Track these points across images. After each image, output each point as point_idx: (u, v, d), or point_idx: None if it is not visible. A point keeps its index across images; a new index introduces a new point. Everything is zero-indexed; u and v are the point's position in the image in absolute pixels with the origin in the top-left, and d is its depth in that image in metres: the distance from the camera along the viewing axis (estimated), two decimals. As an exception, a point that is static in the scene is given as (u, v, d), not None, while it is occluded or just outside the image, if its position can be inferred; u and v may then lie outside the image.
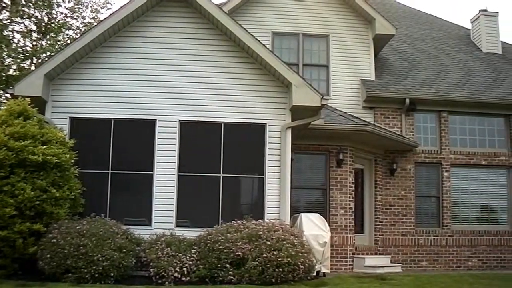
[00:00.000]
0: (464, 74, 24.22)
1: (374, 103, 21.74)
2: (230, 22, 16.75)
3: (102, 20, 17.49)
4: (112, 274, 13.76)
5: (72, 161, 14.99)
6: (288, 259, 13.90)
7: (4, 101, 29.89)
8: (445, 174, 22.11)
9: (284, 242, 14.22)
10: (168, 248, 14.44)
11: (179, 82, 16.73)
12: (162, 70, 16.77)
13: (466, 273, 19.22)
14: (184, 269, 14.06)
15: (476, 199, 22.69)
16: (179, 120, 16.57)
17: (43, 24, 35.24)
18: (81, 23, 37.33)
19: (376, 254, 20.49)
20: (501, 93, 23.09)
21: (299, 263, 14.09)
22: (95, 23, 31.73)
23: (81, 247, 13.69)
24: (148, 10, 17.09)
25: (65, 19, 36.64)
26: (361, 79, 21.87)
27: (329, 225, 17.45)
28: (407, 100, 21.56)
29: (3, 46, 30.98)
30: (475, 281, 16.03)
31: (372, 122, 21.09)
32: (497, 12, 27.44)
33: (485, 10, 27.45)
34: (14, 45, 33.17)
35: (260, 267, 13.86)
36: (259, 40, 16.88)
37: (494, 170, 22.89)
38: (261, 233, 14.40)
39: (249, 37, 16.68)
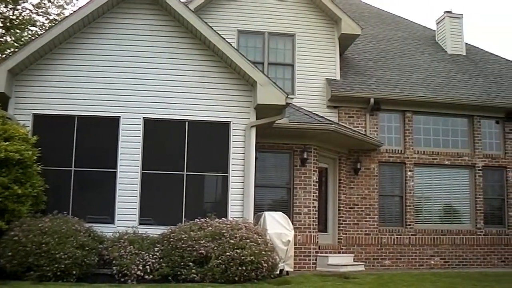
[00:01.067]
0: (429, 75, 24.40)
1: (339, 102, 21.82)
2: (196, 20, 16.70)
3: (67, 16, 17.45)
4: (74, 272, 13.69)
5: (35, 158, 14.83)
6: (252, 257, 13.91)
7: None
8: (409, 173, 22.27)
9: (248, 241, 14.24)
10: (131, 246, 14.41)
11: (144, 79, 16.65)
12: (127, 67, 16.66)
13: (428, 271, 19.39)
14: (147, 267, 14.04)
15: (439, 199, 22.91)
16: (143, 118, 16.49)
17: (8, 19, 34.96)
18: (46, 19, 37.10)
19: (339, 252, 20.59)
20: (464, 94, 23.30)
21: (263, 262, 14.10)
22: (60, 19, 31.49)
23: (43, 245, 13.59)
24: (113, 7, 16.98)
25: (30, 15, 36.40)
26: (326, 78, 21.93)
27: (292, 224, 17.48)
28: (372, 100, 21.69)
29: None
30: (437, 279, 16.18)
31: (337, 121, 21.15)
32: (462, 14, 27.72)
33: (450, 12, 27.69)
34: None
35: (223, 266, 13.86)
36: (224, 38, 16.84)
37: (457, 170, 23.12)
38: (224, 231, 14.40)
39: (214, 35, 16.64)
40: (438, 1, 59.30)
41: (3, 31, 34.92)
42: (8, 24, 34.76)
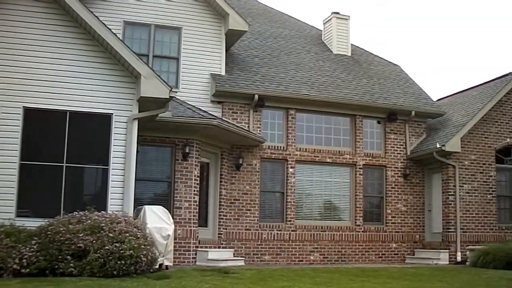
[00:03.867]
0: (314, 74, 24.74)
1: (223, 97, 21.89)
2: (81, 9, 16.36)
3: None
4: None
5: None
6: (131, 251, 13.81)
7: None
8: (290, 170, 22.56)
9: (127, 235, 14.15)
10: (8, 239, 14.01)
11: (24, 67, 16.18)
12: (7, 55, 16.16)
13: (308, 267, 19.71)
14: (24, 260, 13.68)
15: (320, 195, 23.34)
16: (24, 107, 16.06)
17: None
18: None
19: (219, 247, 20.69)
20: (348, 94, 23.77)
21: (142, 256, 14.04)
22: None
23: None
24: (-7, -9, 16.52)
25: None
26: (211, 73, 21.95)
27: (173, 218, 17.44)
28: (256, 96, 21.86)
29: None
30: (316, 274, 16.41)
31: (220, 117, 21.26)
32: (349, 16, 28.29)
33: (338, 13, 28.19)
34: None
35: (102, 259, 13.69)
36: (109, 29, 16.61)
37: (338, 167, 23.61)
38: (103, 224, 14.26)
39: (99, 25, 16.37)
40: (326, 1, 60.08)
41: None
42: None
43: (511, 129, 24.78)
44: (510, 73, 25.85)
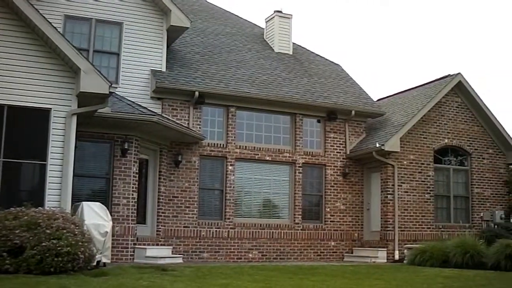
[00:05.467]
0: (255, 71, 24.81)
1: (163, 94, 21.82)
2: (21, 1, 16.11)
3: None
4: None
5: None
6: (68, 248, 13.64)
7: None
8: (230, 167, 22.58)
9: (64, 231, 13.96)
10: None
11: (-42, 60, 15.92)
12: None
13: (246, 265, 19.71)
14: (-43, 257, 13.47)
15: (259, 193, 23.43)
16: (-41, 101, 15.79)
17: None
18: None
19: (158, 245, 20.63)
20: (289, 92, 23.86)
21: (79, 253, 13.87)
22: None
23: None
24: None
25: None
26: (152, 69, 21.83)
27: (111, 215, 17.28)
28: (196, 93, 21.83)
29: None
30: (255, 272, 16.42)
31: (160, 113, 21.14)
32: (291, 15, 28.47)
33: (280, 12, 28.29)
34: None
35: (39, 256, 13.46)
36: (49, 22, 16.35)
37: (278, 166, 23.73)
38: (40, 221, 14.02)
39: (39, 18, 16.11)
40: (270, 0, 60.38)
41: None
42: None
43: (449, 130, 25.25)
44: (449, 75, 26.22)
